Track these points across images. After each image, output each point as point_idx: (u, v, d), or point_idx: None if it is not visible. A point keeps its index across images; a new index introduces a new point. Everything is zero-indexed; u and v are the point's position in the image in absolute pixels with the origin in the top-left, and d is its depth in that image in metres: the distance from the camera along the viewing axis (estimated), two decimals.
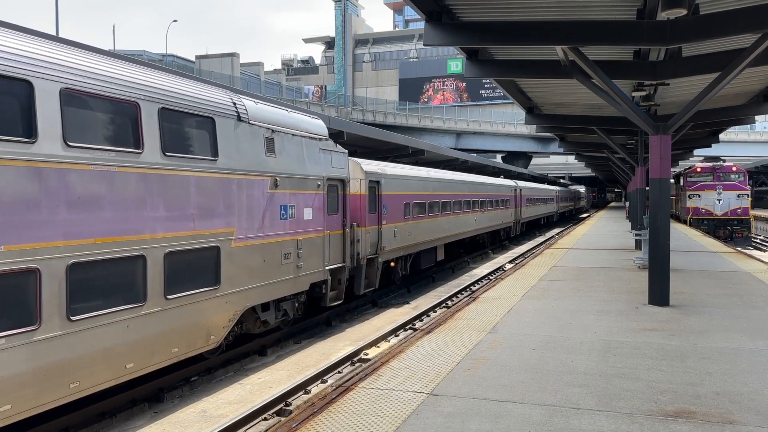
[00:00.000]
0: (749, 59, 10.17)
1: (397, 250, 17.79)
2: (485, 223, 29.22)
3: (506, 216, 34.35)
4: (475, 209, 27.13)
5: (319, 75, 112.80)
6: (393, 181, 17.52)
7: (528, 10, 10.36)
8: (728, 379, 7.06)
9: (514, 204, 36.33)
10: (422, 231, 20.08)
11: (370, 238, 15.84)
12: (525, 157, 71.79)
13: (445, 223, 22.63)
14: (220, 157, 9.64)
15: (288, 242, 11.63)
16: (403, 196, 18.34)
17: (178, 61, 61.59)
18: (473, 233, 27.22)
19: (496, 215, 31.58)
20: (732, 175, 36.47)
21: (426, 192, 20.52)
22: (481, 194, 28.01)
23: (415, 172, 19.97)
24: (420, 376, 7.27)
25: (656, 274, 11.58)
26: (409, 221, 18.81)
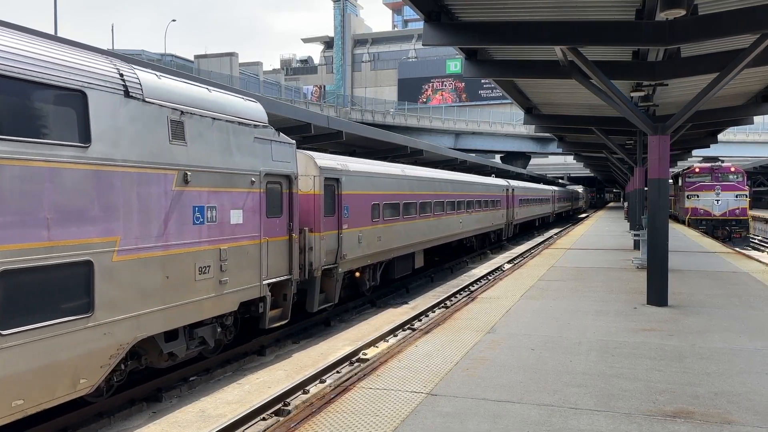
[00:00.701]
0: (748, 60, 10.18)
1: (362, 258, 15.67)
2: (473, 225, 27.20)
3: (497, 217, 32.29)
4: (461, 210, 24.99)
5: (318, 75, 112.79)
6: (357, 178, 15.40)
7: (527, 10, 10.36)
8: (727, 379, 7.07)
9: (506, 204, 34.40)
10: (396, 235, 17.89)
11: (326, 244, 13.68)
12: (524, 157, 71.82)
13: (425, 227, 20.50)
14: (94, 143, 7.41)
15: (205, 253, 9.28)
16: (371, 196, 16.18)
17: (177, 61, 61.59)
18: (459, 236, 25.16)
19: (485, 217, 29.55)
20: (730, 176, 36.52)
21: (401, 191, 18.41)
22: (467, 194, 26.01)
23: (385, 169, 17.73)
24: (419, 376, 7.27)
25: (655, 275, 11.59)
26: (379, 224, 16.60)
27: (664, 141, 11.52)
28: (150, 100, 8.36)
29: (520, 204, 38.53)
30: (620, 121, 18.98)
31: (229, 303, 9.98)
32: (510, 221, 35.71)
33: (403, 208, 18.44)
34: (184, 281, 8.89)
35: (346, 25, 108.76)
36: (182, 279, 8.83)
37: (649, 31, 9.71)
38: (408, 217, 18.92)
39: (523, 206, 39.76)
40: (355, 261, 15.26)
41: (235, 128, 10.16)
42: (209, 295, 9.44)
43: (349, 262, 14.84)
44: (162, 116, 8.54)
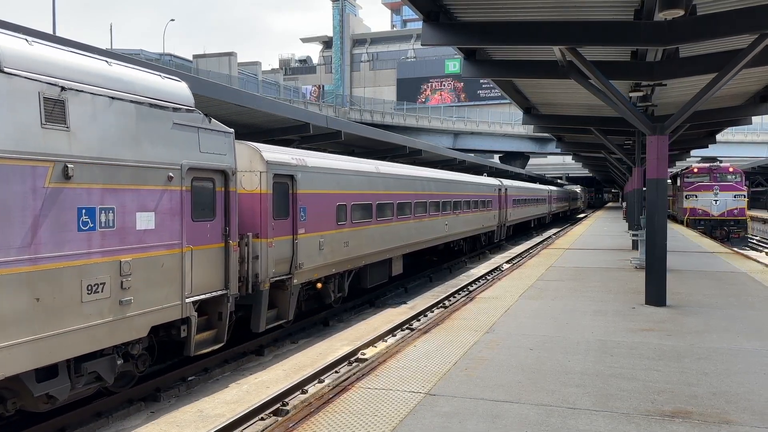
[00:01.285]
0: (746, 60, 10.19)
1: (325, 267, 13.75)
2: (460, 227, 25.25)
3: (488, 219, 30.29)
4: (447, 212, 23.15)
5: (317, 75, 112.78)
6: (318, 176, 13.50)
7: (526, 10, 10.37)
8: (725, 379, 7.08)
9: (498, 205, 32.37)
10: (368, 240, 16.00)
11: (276, 252, 11.76)
12: (522, 157, 71.87)
13: (403, 230, 18.58)
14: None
15: (98, 266, 7.44)
16: (336, 196, 14.28)
17: (176, 61, 61.55)
18: (444, 240, 23.19)
19: (474, 218, 27.56)
20: (729, 176, 36.56)
21: (374, 191, 16.48)
22: (454, 194, 24.18)
23: (354, 165, 15.77)
24: (417, 376, 7.27)
25: (653, 275, 11.60)
26: (346, 228, 14.69)
27: (663, 141, 11.53)
28: (12, 72, 6.57)
29: (513, 204, 36.74)
30: (619, 121, 19.00)
31: (135, 328, 8.08)
32: (503, 223, 33.86)
33: (376, 209, 16.49)
34: (65, 304, 6.99)
35: (345, 25, 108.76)
36: (61, 301, 6.94)
37: (647, 31, 9.72)
38: (383, 220, 16.99)
39: (517, 207, 37.99)
40: (315, 270, 13.27)
41: (145, 111, 8.27)
42: (104, 320, 7.53)
43: (307, 272, 12.90)
44: (30, 93, 6.70)
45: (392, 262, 18.22)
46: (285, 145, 15.67)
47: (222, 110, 16.10)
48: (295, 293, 12.51)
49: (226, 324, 10.01)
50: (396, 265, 18.60)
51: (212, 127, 9.66)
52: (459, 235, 25.29)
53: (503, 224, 33.95)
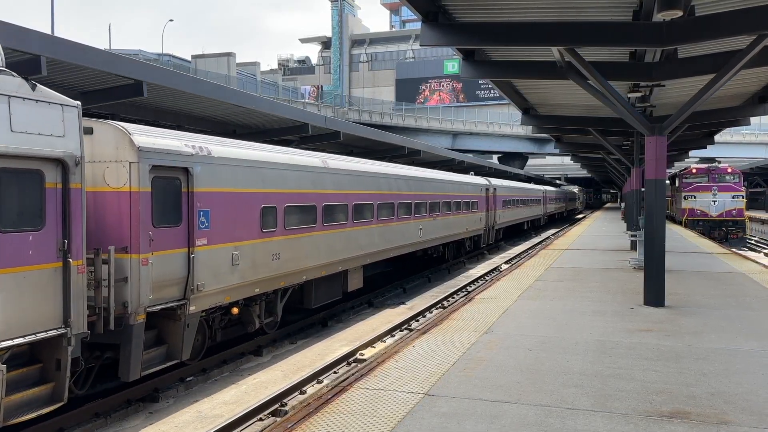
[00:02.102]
0: (744, 61, 10.20)
1: (244, 287, 10.87)
2: (439, 231, 22.54)
3: (473, 221, 27.56)
4: (422, 214, 20.46)
5: (316, 75, 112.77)
6: (229, 169, 10.53)
7: (524, 11, 10.37)
8: (723, 379, 7.08)
9: (485, 206, 29.73)
10: (311, 250, 13.08)
11: (159, 271, 8.84)
12: (521, 158, 71.88)
13: (363, 236, 15.81)
14: None
15: None
16: (260, 196, 11.38)
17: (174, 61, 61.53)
18: (419, 246, 20.36)
19: (456, 221, 24.75)
20: (727, 177, 36.60)
21: (319, 190, 13.55)
22: (431, 194, 21.49)
23: (288, 158, 12.65)
24: (416, 376, 7.27)
25: (652, 275, 11.61)
26: (276, 237, 11.78)
27: (661, 142, 11.54)
28: None
29: (504, 206, 33.95)
30: (617, 122, 19.01)
31: None
32: (491, 225, 31.15)
33: (323, 212, 13.63)
34: None
35: (343, 25, 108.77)
36: None
37: (646, 31, 9.73)
38: (333, 225, 14.11)
39: (507, 208, 35.09)
40: (226, 292, 10.35)
41: None
42: None
43: (212, 294, 9.96)
44: None
45: (348, 276, 15.37)
46: (285, 146, 14.92)
47: (221, 110, 16.11)
48: (192, 324, 9.58)
49: (67, 376, 7.22)
50: (353, 279, 15.71)
51: (39, 97, 6.99)
52: (438, 240, 22.63)
53: (491, 227, 31.27)
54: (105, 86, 12.77)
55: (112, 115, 14.17)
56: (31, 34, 9.86)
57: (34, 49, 9.92)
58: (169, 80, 12.91)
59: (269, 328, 12.71)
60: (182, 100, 14.60)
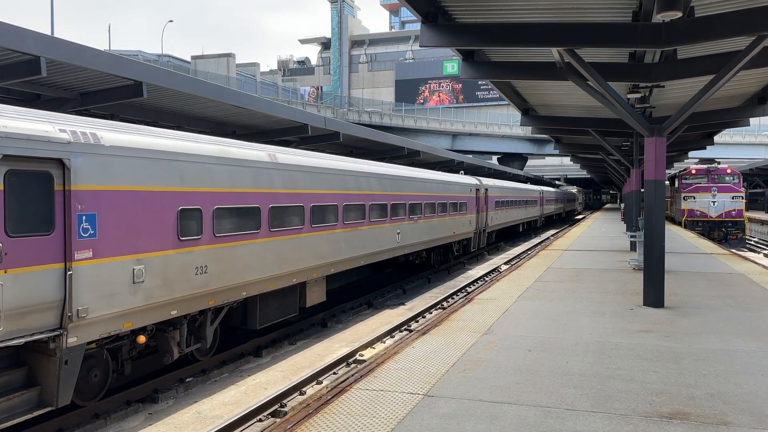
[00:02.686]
0: (744, 62, 10.21)
1: (154, 310, 8.86)
2: (421, 236, 20.42)
3: (461, 224, 25.48)
4: (399, 217, 18.38)
5: (315, 76, 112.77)
6: (128, 162, 8.49)
7: (524, 12, 10.38)
8: (722, 380, 7.08)
9: (475, 208, 27.73)
10: (254, 261, 11.04)
11: (17, 293, 6.94)
12: (521, 158, 71.89)
13: (324, 243, 13.64)
14: None
15: None
16: (176, 196, 9.28)
17: (174, 62, 61.54)
18: (395, 252, 18.25)
19: (441, 225, 22.61)
20: (726, 177, 36.62)
21: (263, 189, 11.42)
22: (409, 195, 19.39)
23: (217, 150, 10.35)
24: (415, 377, 7.27)
25: (651, 276, 11.61)
26: (200, 246, 9.70)
27: (661, 143, 11.54)
28: None
29: (496, 207, 31.95)
30: (617, 123, 19.03)
31: None
32: (482, 228, 29.11)
33: (270, 215, 11.56)
34: None
35: (343, 26, 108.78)
36: None
37: (645, 32, 9.73)
38: (284, 230, 12.01)
39: (500, 209, 32.98)
40: (125, 317, 8.36)
41: None
42: None
43: (102, 321, 7.96)
44: None
45: (307, 289, 13.39)
46: (285, 147, 14.60)
47: (220, 111, 16.11)
48: (74, 360, 7.62)
49: None
50: (313, 292, 13.72)
51: None
52: (420, 246, 20.49)
53: (482, 230, 29.31)
54: (105, 87, 12.79)
55: (112, 116, 14.18)
56: (30, 35, 9.86)
57: (34, 49, 9.93)
58: (168, 81, 12.92)
59: (201, 355, 10.91)
60: (182, 100, 14.61)
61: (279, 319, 12.41)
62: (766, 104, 17.91)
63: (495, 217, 31.72)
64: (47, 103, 12.80)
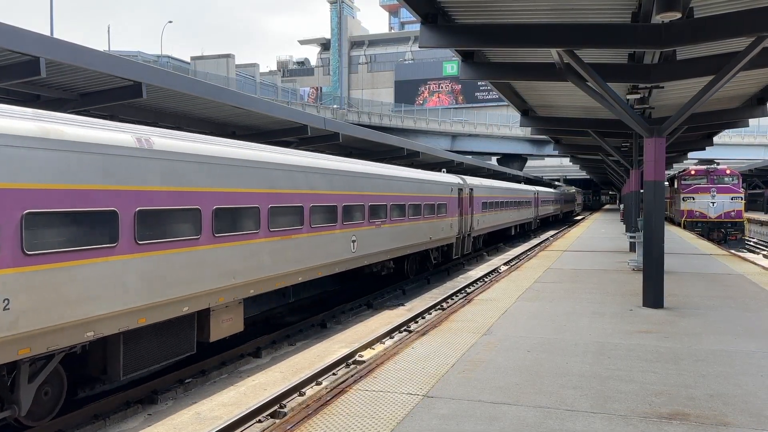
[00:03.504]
0: (743, 62, 10.21)
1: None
2: (385, 243, 17.33)
3: (440, 229, 22.42)
4: (357, 222, 15.50)
5: (315, 76, 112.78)
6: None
7: (523, 12, 10.38)
8: (722, 381, 7.08)
9: (458, 210, 24.86)
10: (107, 287, 7.97)
11: None
12: (520, 159, 71.92)
13: (237, 257, 10.67)
14: None
15: None
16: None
17: (174, 62, 61.54)
18: (350, 264, 15.23)
19: (414, 230, 19.71)
20: (726, 178, 36.64)
21: (122, 186, 8.27)
22: (370, 195, 16.42)
23: (31, 127, 7.12)
24: (415, 378, 7.26)
25: (650, 277, 11.61)
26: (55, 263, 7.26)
27: (660, 143, 11.55)
28: None
29: (483, 209, 29.11)
30: (616, 124, 19.03)
31: None
32: (466, 232, 26.28)
33: (137, 222, 8.46)
34: None
35: (342, 26, 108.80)
36: None
37: (644, 33, 9.74)
38: (163, 243, 8.95)
39: (488, 211, 30.10)
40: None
41: None
42: None
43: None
44: None
45: (210, 318, 10.22)
46: (284, 147, 14.17)
47: (220, 111, 16.11)
48: None
49: None
50: (223, 321, 10.55)
51: None
52: (383, 255, 17.39)
53: (466, 234, 26.36)
54: (104, 88, 12.78)
55: (112, 117, 14.18)
56: (30, 36, 9.86)
57: (33, 50, 9.93)
58: (168, 82, 12.92)
59: (29, 420, 7.91)
60: (181, 101, 14.61)
61: (162, 363, 9.34)
62: (765, 105, 17.93)
63: (482, 219, 28.92)
64: (47, 103, 12.80)
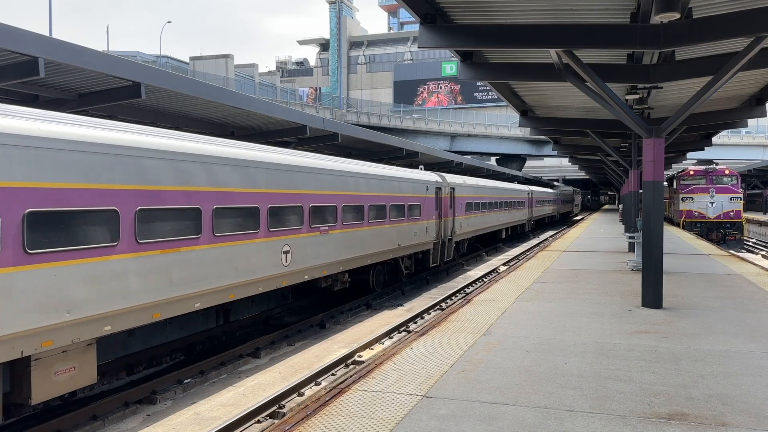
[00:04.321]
0: (742, 63, 10.22)
1: None
2: (331, 254, 14.36)
3: (411, 234, 19.70)
4: (286, 228, 12.44)
5: (314, 77, 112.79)
6: None
7: (522, 13, 10.39)
8: (721, 381, 7.09)
9: (436, 212, 22.18)
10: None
11: None
12: (519, 159, 71.96)
13: (77, 281, 7.73)
14: None
15: None
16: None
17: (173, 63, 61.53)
18: (278, 282, 12.20)
19: (376, 235, 16.99)
20: (725, 178, 36.66)
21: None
22: (311, 194, 13.46)
23: None
24: (414, 378, 7.26)
25: (649, 277, 11.61)
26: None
27: (659, 144, 11.55)
28: None
29: (467, 210, 26.57)
30: (615, 124, 19.04)
31: None
32: (446, 237, 23.51)
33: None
34: None
35: (341, 27, 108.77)
36: None
37: (643, 34, 9.74)
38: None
39: (473, 213, 27.56)
40: None
41: None
42: None
43: None
44: None
45: (32, 372, 7.36)
46: (284, 147, 13.90)
47: (219, 112, 16.11)
48: None
49: None
50: (53, 374, 7.62)
51: None
52: (330, 267, 14.40)
53: (447, 239, 23.61)
54: (103, 88, 12.78)
55: (110, 117, 14.17)
56: (28, 36, 9.85)
57: (32, 50, 9.92)
58: (167, 82, 12.91)
59: None
60: (180, 101, 14.60)
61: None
62: (764, 105, 17.94)
63: (465, 222, 26.36)
64: (46, 103, 12.79)
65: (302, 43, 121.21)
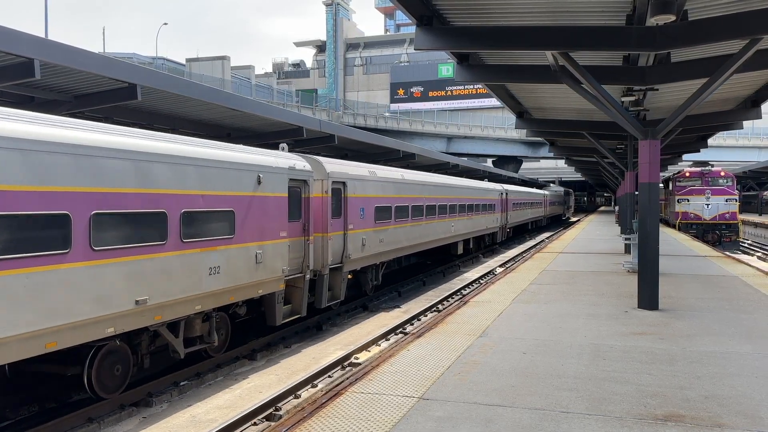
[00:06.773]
0: (737, 65, 10.25)
1: None
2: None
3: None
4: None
5: (311, 79, 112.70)
6: None
7: (519, 15, 10.40)
8: (717, 382, 7.10)
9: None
10: None
11: None
12: (515, 161, 72.09)
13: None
14: None
15: None
16: None
17: (169, 64, 61.42)
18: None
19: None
20: (720, 180, 36.76)
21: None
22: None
23: None
24: (410, 380, 7.26)
25: (645, 278, 11.63)
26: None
27: (655, 145, 11.58)
28: None
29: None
30: (611, 126, 19.07)
31: None
32: (504, 224, 31.60)
33: None
34: None
35: (338, 29, 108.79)
36: None
37: (639, 36, 9.77)
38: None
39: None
40: None
41: None
42: None
43: None
44: None
45: None
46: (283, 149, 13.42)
47: (215, 114, 16.09)
48: None
49: None
50: None
51: None
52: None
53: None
54: (99, 89, 12.74)
55: (107, 118, 14.14)
56: (24, 38, 9.82)
57: (28, 52, 9.89)
58: (163, 83, 12.88)
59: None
60: (176, 103, 14.58)
61: None
62: (759, 107, 18.00)
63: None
64: (41, 105, 12.76)
65: (299, 45, 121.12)
